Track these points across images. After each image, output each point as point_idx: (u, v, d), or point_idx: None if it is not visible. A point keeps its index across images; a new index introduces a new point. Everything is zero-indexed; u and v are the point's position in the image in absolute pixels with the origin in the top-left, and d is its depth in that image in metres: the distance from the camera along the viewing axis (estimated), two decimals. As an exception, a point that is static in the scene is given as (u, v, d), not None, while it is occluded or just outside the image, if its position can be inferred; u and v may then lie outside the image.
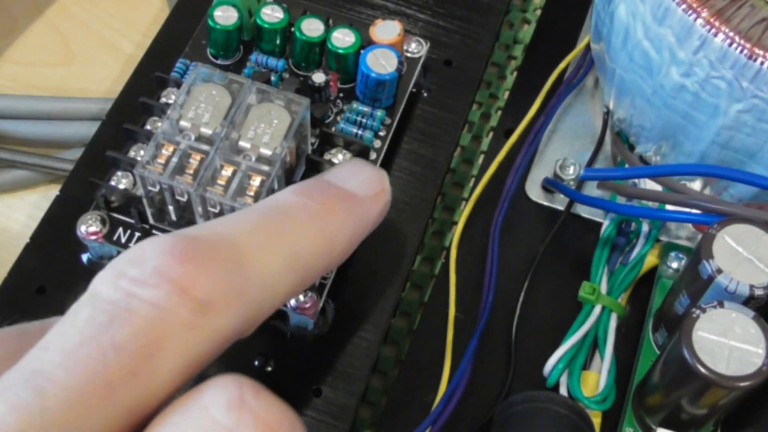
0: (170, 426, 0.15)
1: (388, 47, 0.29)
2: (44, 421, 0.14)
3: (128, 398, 0.15)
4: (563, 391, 0.29)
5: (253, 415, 0.15)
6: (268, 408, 0.15)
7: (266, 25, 0.30)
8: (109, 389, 0.15)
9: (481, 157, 0.35)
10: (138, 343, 0.15)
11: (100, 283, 0.16)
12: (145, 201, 0.26)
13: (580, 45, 0.35)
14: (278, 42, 0.30)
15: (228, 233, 0.18)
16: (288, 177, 0.27)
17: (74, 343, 0.15)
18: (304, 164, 0.28)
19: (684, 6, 0.26)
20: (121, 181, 0.27)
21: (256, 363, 0.27)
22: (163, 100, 0.29)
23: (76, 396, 0.15)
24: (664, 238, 0.32)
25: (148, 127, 0.28)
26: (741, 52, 0.26)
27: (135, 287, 0.16)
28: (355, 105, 0.30)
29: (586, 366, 0.29)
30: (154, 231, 0.27)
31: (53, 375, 0.15)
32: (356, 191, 0.21)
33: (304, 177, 0.28)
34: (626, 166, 0.32)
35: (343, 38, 0.30)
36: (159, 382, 0.15)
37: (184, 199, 0.25)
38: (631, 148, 0.32)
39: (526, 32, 0.39)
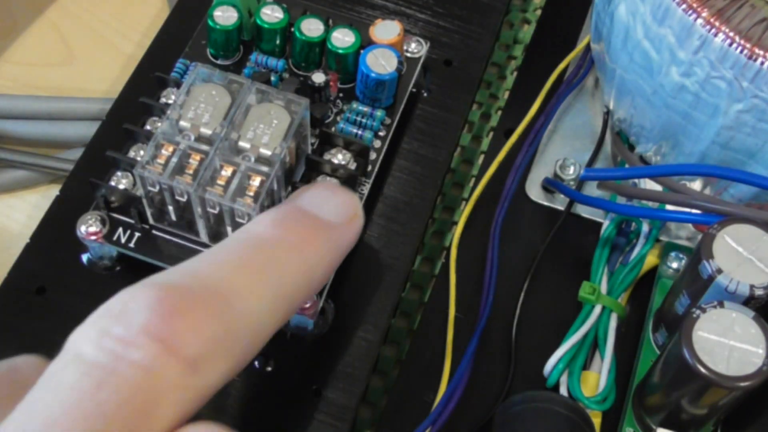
0: None
1: (388, 47, 0.29)
2: None
3: None
4: (563, 391, 0.29)
5: None
6: None
7: (266, 25, 0.30)
8: None
9: (481, 157, 0.35)
10: (127, 411, 0.15)
11: (82, 341, 0.15)
12: (145, 201, 0.26)
13: (580, 45, 0.35)
14: (278, 42, 0.30)
15: (211, 277, 0.17)
16: (288, 177, 0.27)
17: (59, 411, 0.14)
18: (304, 164, 0.28)
19: (684, 6, 0.26)
20: (121, 181, 0.27)
21: (256, 363, 0.27)
22: (163, 100, 0.29)
23: None
24: (664, 238, 0.32)
25: (148, 127, 0.28)
26: (741, 52, 0.26)
27: (121, 348, 0.15)
28: (355, 105, 0.30)
29: (586, 366, 0.29)
30: (154, 231, 0.27)
31: None
32: (331, 219, 0.21)
33: (304, 177, 0.28)
34: (626, 166, 0.32)
35: (343, 38, 0.30)
36: None
37: (184, 199, 0.25)
38: (631, 148, 0.32)
39: (526, 32, 0.39)
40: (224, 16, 0.30)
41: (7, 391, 0.17)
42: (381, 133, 0.30)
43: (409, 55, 0.31)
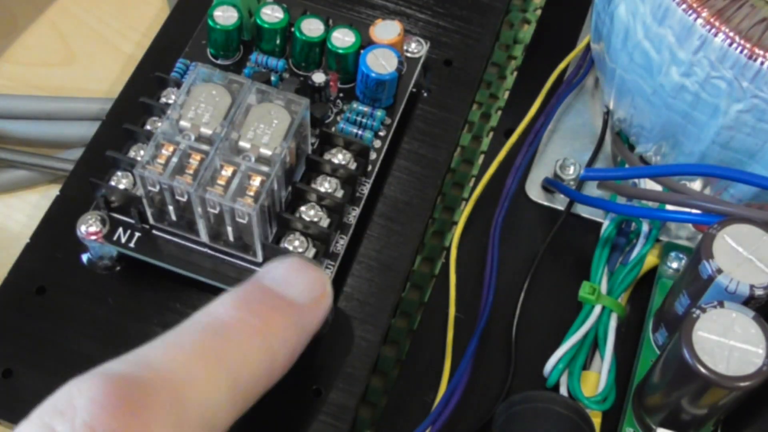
0: None
1: (388, 47, 0.29)
2: None
3: None
4: (563, 391, 0.29)
5: None
6: None
7: (266, 25, 0.30)
8: None
9: (481, 157, 0.35)
10: None
11: None
12: (145, 201, 0.26)
13: (580, 45, 0.35)
14: (278, 42, 0.30)
15: (164, 368, 0.16)
16: (288, 177, 0.27)
17: None
18: (304, 164, 0.28)
19: (684, 6, 0.26)
20: (121, 181, 0.27)
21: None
22: (163, 100, 0.29)
23: None
24: (664, 238, 0.32)
25: (148, 127, 0.28)
26: (741, 52, 0.26)
27: None
28: (355, 105, 0.30)
29: (586, 366, 0.29)
30: (154, 231, 0.27)
31: None
32: (297, 299, 0.20)
33: (305, 177, 0.28)
34: (626, 166, 0.32)
35: (343, 38, 0.30)
36: None
37: (184, 199, 0.25)
38: (631, 148, 0.32)
39: (526, 32, 0.39)
40: (224, 16, 0.30)
41: None
42: (381, 133, 0.30)
43: (409, 55, 0.31)
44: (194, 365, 0.17)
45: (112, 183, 0.27)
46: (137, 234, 0.27)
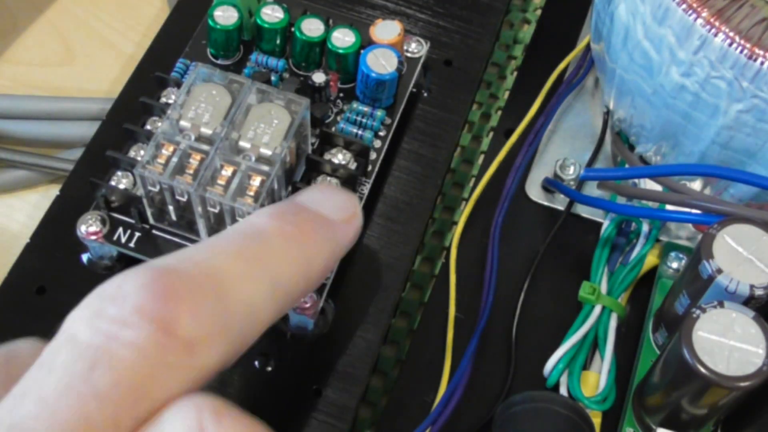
0: None
1: (388, 47, 0.29)
2: None
3: None
4: (563, 391, 0.29)
5: None
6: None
7: (266, 25, 0.30)
8: None
9: (481, 157, 0.35)
10: (121, 391, 0.14)
11: (76, 323, 0.15)
12: (145, 201, 0.26)
13: (580, 45, 0.35)
14: (278, 42, 0.30)
15: (208, 263, 0.17)
16: (288, 177, 0.27)
17: (53, 392, 0.14)
18: (304, 164, 0.28)
19: (684, 6, 0.26)
20: (121, 181, 0.27)
21: (256, 363, 0.27)
22: (163, 100, 0.29)
23: None
24: (664, 238, 0.32)
25: (148, 127, 0.28)
26: (741, 52, 0.26)
27: (115, 328, 0.15)
28: (355, 105, 0.30)
29: (586, 366, 0.29)
30: (154, 231, 0.27)
31: (32, 429, 0.14)
32: (330, 215, 0.21)
33: (305, 177, 0.28)
34: (626, 166, 0.32)
35: (343, 38, 0.30)
36: (140, 423, 0.15)
37: (184, 199, 0.25)
38: (631, 148, 0.32)
39: (526, 32, 0.39)
40: (224, 16, 0.30)
41: (5, 374, 0.16)
42: (381, 133, 0.30)
43: (409, 55, 0.31)
44: (237, 264, 0.17)
45: (112, 183, 0.27)
46: (137, 234, 0.27)
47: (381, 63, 0.29)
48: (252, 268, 0.18)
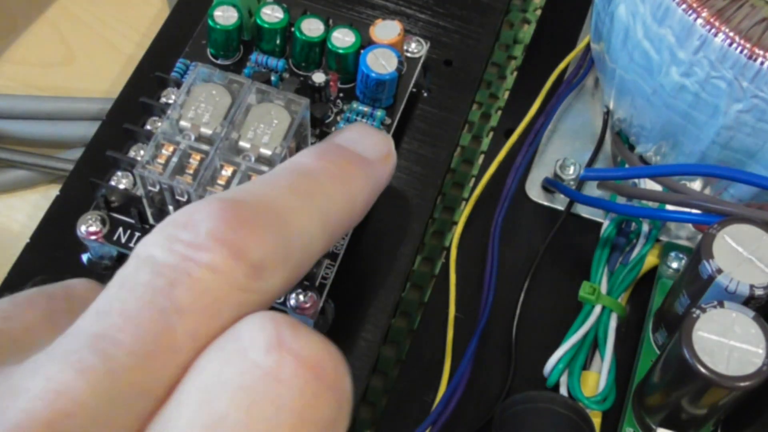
0: (210, 375, 0.15)
1: (388, 47, 0.29)
2: (112, 384, 0.14)
3: (186, 358, 0.15)
4: (563, 391, 0.29)
5: (293, 355, 0.15)
6: (308, 346, 0.15)
7: (266, 25, 0.30)
8: (173, 352, 0.15)
9: (481, 157, 0.35)
10: (199, 307, 0.15)
11: (152, 247, 0.16)
12: (145, 201, 0.26)
13: (580, 45, 0.35)
14: (278, 42, 0.30)
15: (267, 197, 0.18)
16: (288, 177, 0.27)
17: (136, 307, 0.15)
18: (304, 164, 0.28)
19: (684, 6, 0.26)
20: (121, 181, 0.27)
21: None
22: (163, 100, 0.29)
23: (142, 360, 0.14)
24: (664, 238, 0.32)
25: (148, 127, 0.28)
26: (741, 52, 0.26)
27: (191, 251, 0.16)
28: (355, 105, 0.30)
29: (586, 366, 0.29)
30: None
31: (118, 339, 0.14)
32: (367, 155, 0.22)
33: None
34: (626, 166, 0.32)
35: (343, 38, 0.30)
36: (212, 338, 0.15)
37: (184, 199, 0.25)
38: (631, 148, 0.32)
39: (526, 32, 0.39)
40: (224, 16, 0.30)
41: (65, 305, 0.17)
42: (381, 133, 0.30)
43: (409, 55, 0.31)
44: (292, 198, 0.18)
45: (112, 183, 0.27)
46: (137, 234, 0.27)
47: (381, 63, 0.29)
48: (305, 203, 0.19)
